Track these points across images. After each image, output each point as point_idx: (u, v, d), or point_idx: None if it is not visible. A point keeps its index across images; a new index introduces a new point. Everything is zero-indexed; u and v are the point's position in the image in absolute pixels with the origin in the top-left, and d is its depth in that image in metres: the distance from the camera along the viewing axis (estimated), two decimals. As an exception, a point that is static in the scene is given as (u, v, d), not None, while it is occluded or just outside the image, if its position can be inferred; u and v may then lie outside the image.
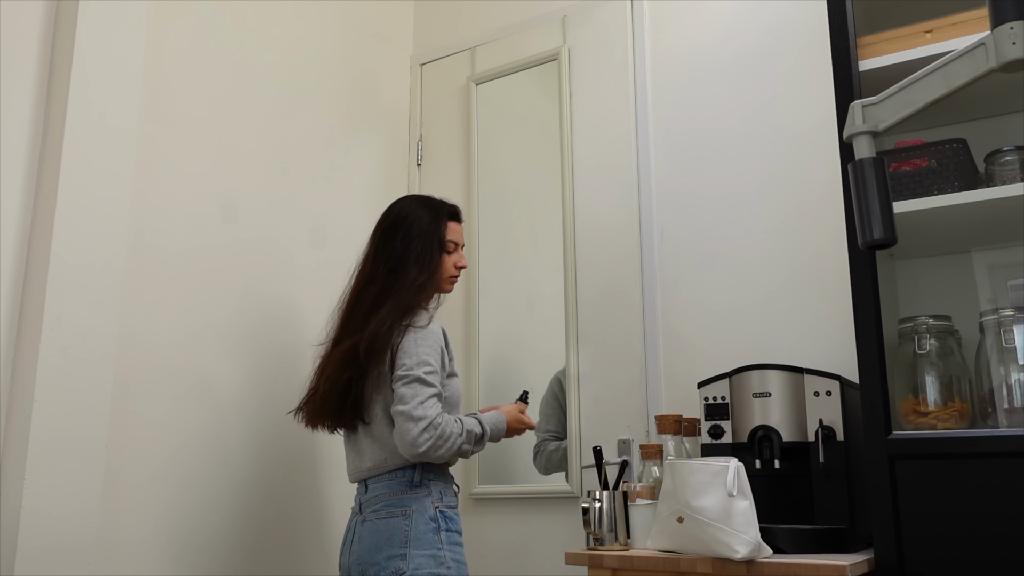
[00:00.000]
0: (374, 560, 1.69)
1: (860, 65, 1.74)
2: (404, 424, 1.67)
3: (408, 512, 1.71)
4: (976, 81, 0.98)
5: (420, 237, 1.85)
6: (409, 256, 1.83)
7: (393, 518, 1.71)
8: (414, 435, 1.66)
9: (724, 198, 2.25)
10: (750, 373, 1.78)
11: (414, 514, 1.70)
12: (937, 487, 1.52)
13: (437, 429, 1.67)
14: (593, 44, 2.54)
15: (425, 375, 1.71)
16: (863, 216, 1.04)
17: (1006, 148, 1.70)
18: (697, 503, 1.58)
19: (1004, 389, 1.60)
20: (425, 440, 1.66)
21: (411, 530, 1.69)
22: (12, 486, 1.61)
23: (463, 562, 1.74)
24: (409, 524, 1.69)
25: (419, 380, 1.70)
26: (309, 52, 2.48)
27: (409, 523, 1.69)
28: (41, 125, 1.77)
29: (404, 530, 1.69)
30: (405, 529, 1.69)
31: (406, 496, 1.73)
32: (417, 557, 1.67)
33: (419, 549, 1.67)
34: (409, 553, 1.67)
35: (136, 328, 1.88)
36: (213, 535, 2.00)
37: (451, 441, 1.70)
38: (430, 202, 1.94)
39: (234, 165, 2.19)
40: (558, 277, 2.44)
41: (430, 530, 1.70)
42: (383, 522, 1.71)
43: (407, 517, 1.70)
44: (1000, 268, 1.84)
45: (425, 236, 1.86)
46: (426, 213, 1.89)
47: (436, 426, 1.67)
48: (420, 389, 1.69)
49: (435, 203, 1.94)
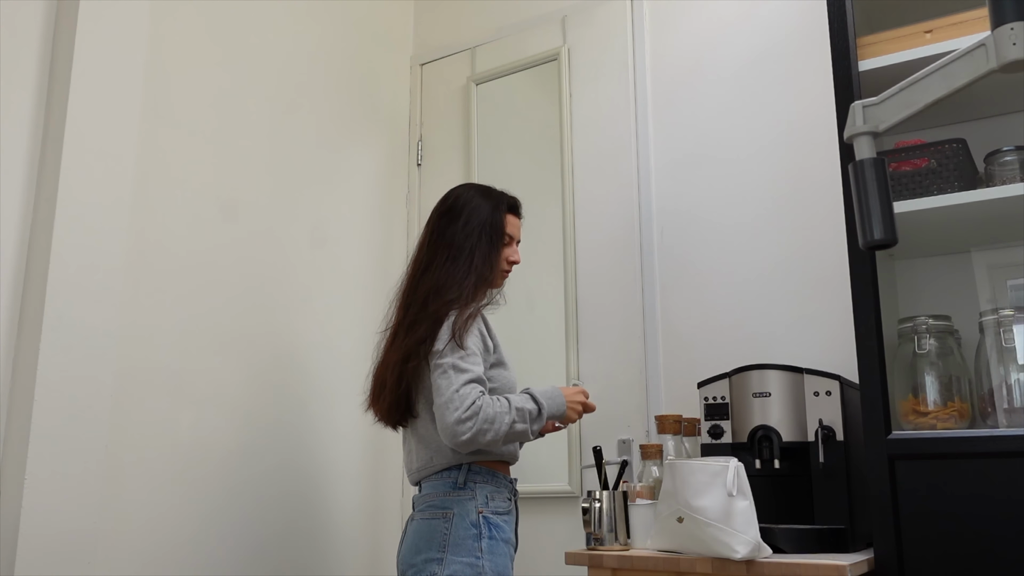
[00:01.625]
0: (412, 561, 1.63)
1: (860, 65, 1.74)
2: (443, 417, 1.57)
3: (448, 515, 1.63)
4: (976, 82, 0.98)
5: (480, 227, 1.78)
6: (467, 246, 1.76)
7: (434, 520, 1.63)
8: (452, 424, 1.54)
9: (724, 197, 2.25)
10: (750, 373, 1.78)
11: (454, 517, 1.62)
12: (937, 487, 1.52)
13: (478, 413, 1.55)
14: (593, 44, 2.54)
15: (460, 360, 1.61)
16: (864, 216, 1.04)
17: (1006, 148, 1.70)
18: (697, 503, 1.58)
19: (1004, 389, 1.61)
20: (467, 428, 1.54)
21: (450, 534, 1.61)
22: (12, 486, 1.61)
23: (506, 574, 1.65)
24: (449, 527, 1.61)
25: (453, 367, 1.59)
26: (309, 52, 2.48)
27: (449, 526, 1.62)
28: (41, 125, 1.77)
29: (443, 533, 1.61)
30: (444, 532, 1.61)
31: (448, 498, 1.65)
32: (453, 563, 1.58)
33: (456, 555, 1.59)
34: (446, 558, 1.59)
35: (136, 328, 1.88)
36: (213, 535, 1.99)
37: (498, 422, 1.57)
38: (491, 192, 1.86)
39: (234, 165, 2.18)
40: (558, 277, 2.44)
41: (470, 536, 1.61)
42: (425, 523, 1.64)
43: (447, 520, 1.62)
44: (1000, 268, 1.84)
45: (484, 226, 1.79)
46: (486, 203, 1.82)
47: (476, 411, 1.55)
48: (455, 376, 1.58)
49: (496, 193, 1.86)
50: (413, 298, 1.75)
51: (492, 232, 1.79)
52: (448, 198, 1.86)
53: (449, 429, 1.56)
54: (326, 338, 2.38)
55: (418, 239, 1.88)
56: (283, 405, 2.18)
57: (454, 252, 1.76)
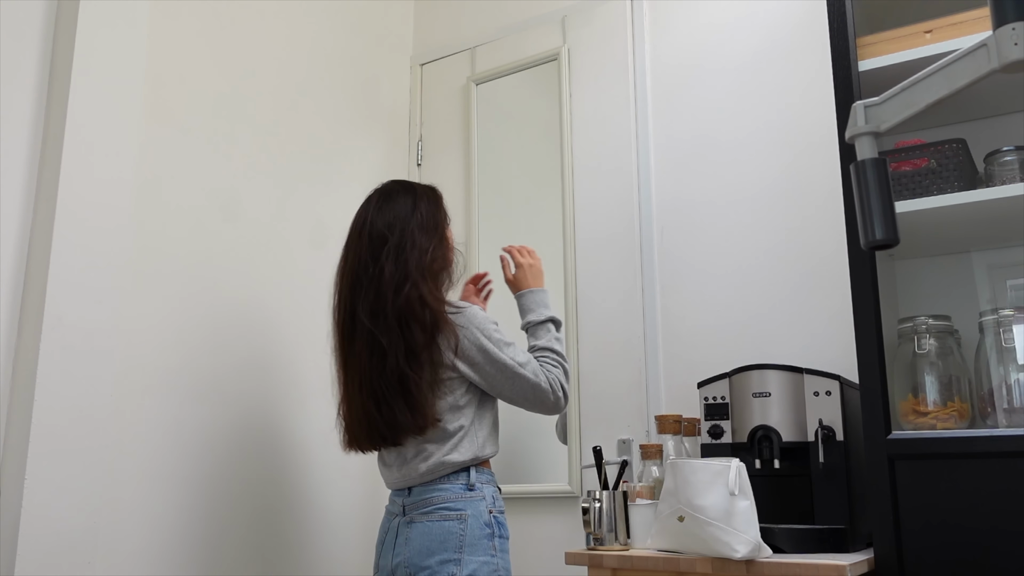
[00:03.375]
0: (425, 563, 1.64)
1: (860, 65, 1.74)
2: (523, 383, 1.72)
3: (463, 516, 1.67)
4: (978, 82, 0.98)
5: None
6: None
7: (447, 522, 1.66)
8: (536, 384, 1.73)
9: (724, 198, 2.25)
10: (750, 373, 1.78)
11: (469, 519, 1.66)
12: (937, 487, 1.52)
13: (542, 369, 1.75)
14: (593, 44, 2.54)
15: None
16: (865, 216, 1.04)
17: (1006, 148, 1.70)
18: (698, 502, 1.58)
19: (1003, 389, 1.61)
20: (554, 381, 1.74)
21: (466, 535, 1.65)
22: (12, 486, 1.61)
23: (510, 571, 1.72)
24: (464, 528, 1.66)
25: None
26: (309, 52, 2.48)
27: (464, 527, 1.66)
28: (42, 125, 1.76)
29: (459, 534, 1.65)
30: (460, 533, 1.65)
31: (461, 500, 1.68)
32: (471, 563, 1.63)
33: (473, 555, 1.64)
34: (463, 559, 1.63)
35: (136, 328, 1.88)
36: (213, 535, 1.99)
37: (561, 363, 1.77)
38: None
39: (234, 165, 2.18)
40: (558, 277, 2.44)
41: (484, 536, 1.66)
42: (436, 525, 1.66)
43: (462, 521, 1.66)
44: (1000, 268, 1.85)
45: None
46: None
47: (537, 371, 1.73)
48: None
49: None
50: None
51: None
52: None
53: (538, 393, 1.73)
54: (326, 338, 2.38)
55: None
56: (283, 405, 2.17)
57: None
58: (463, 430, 1.70)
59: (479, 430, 1.73)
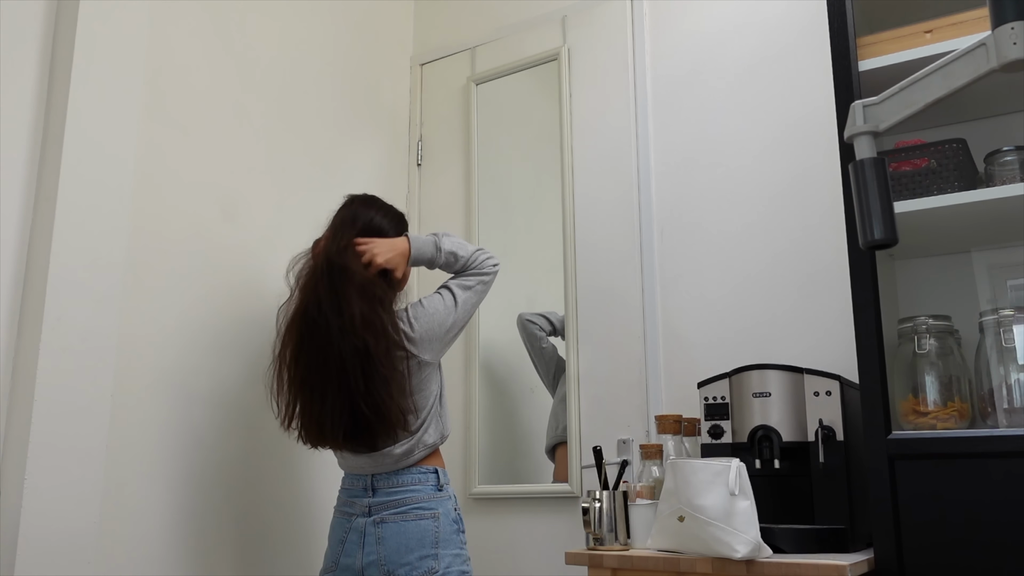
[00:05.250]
0: (404, 560, 1.75)
1: (860, 65, 1.74)
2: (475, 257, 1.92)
3: (436, 515, 1.80)
4: (977, 81, 0.98)
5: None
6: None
7: (423, 520, 1.79)
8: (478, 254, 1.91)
9: (724, 198, 2.25)
10: (750, 373, 1.78)
11: (441, 516, 1.80)
12: (937, 487, 1.52)
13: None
14: (593, 44, 2.54)
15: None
16: (864, 216, 1.04)
17: (1006, 148, 1.70)
18: (699, 502, 1.58)
19: (1004, 389, 1.61)
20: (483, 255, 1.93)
21: (440, 532, 1.78)
22: (12, 486, 1.61)
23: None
24: (438, 526, 1.79)
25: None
26: (309, 52, 2.48)
27: (438, 525, 1.79)
28: (41, 125, 1.76)
29: (434, 532, 1.78)
30: (435, 531, 1.78)
31: (433, 500, 1.81)
32: (446, 557, 1.77)
33: (447, 549, 1.77)
34: (440, 553, 1.76)
35: (136, 328, 1.88)
36: (213, 535, 2.00)
37: (463, 258, 1.91)
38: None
39: (234, 165, 2.18)
40: (558, 277, 2.44)
41: (454, 531, 1.80)
42: (412, 524, 1.78)
43: (436, 520, 1.79)
44: (1000, 268, 1.85)
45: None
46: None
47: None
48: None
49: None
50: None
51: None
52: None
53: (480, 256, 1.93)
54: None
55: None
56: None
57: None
58: (429, 411, 1.84)
59: (441, 409, 1.88)
